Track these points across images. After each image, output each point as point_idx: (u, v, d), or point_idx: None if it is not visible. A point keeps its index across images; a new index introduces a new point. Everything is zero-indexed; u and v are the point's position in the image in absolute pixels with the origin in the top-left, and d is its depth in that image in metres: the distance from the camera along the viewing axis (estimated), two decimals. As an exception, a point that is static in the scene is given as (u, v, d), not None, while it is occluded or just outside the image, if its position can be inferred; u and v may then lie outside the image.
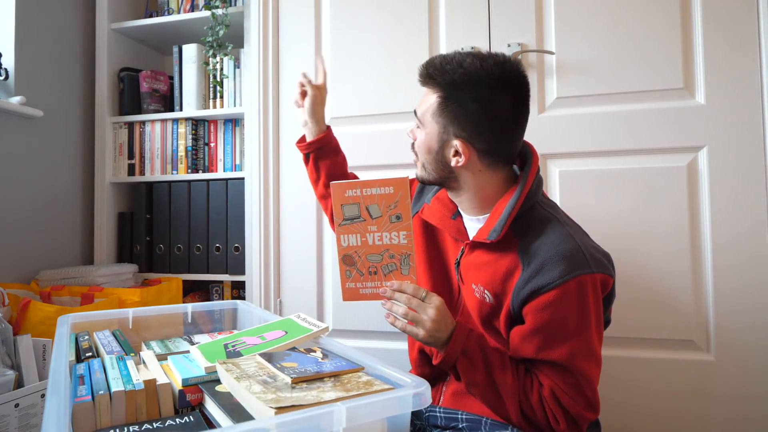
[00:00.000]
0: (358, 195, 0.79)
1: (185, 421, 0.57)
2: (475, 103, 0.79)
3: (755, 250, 1.19)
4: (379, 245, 0.80)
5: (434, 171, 0.87)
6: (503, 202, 0.82)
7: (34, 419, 1.03)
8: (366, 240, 0.80)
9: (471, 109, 0.80)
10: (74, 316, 0.93)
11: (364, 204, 0.79)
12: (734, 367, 1.19)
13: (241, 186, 1.64)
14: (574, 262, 0.74)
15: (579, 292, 0.74)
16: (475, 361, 0.78)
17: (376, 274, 0.82)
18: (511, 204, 0.80)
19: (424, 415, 0.89)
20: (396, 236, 0.79)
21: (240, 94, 1.69)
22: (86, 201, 1.79)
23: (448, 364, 0.79)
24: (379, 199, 0.79)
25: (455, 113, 0.81)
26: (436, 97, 0.82)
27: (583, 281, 0.74)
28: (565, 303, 0.74)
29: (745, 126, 1.21)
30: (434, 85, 0.82)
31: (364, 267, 0.82)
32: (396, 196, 0.78)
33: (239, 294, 1.73)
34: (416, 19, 1.45)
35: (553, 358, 0.75)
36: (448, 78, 0.80)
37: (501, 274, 0.80)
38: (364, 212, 0.79)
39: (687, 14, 1.26)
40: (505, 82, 0.81)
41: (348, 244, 0.81)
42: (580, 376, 0.75)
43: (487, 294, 0.82)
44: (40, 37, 1.62)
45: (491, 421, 0.82)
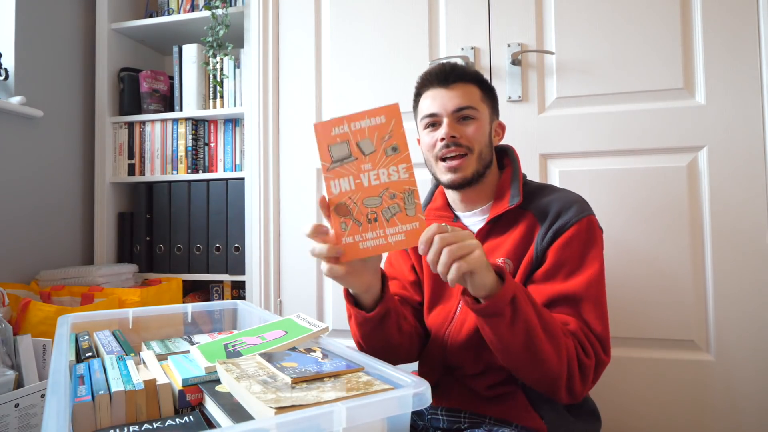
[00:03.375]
0: (346, 131, 0.69)
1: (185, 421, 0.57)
2: (494, 92, 0.97)
3: (755, 250, 1.19)
4: (376, 185, 0.70)
5: (487, 155, 0.92)
6: (504, 181, 0.93)
7: (34, 419, 1.03)
8: (360, 182, 0.70)
9: (496, 97, 0.97)
10: (74, 316, 0.93)
11: (354, 140, 0.69)
12: (734, 367, 1.19)
13: (241, 186, 1.64)
14: (584, 205, 0.87)
15: (590, 228, 0.84)
16: (526, 296, 0.72)
17: (376, 221, 0.71)
18: (516, 176, 0.91)
19: (427, 418, 0.89)
20: (395, 171, 0.70)
21: (240, 94, 1.69)
22: (86, 201, 1.79)
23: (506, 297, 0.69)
24: (371, 132, 0.69)
25: (491, 98, 0.95)
26: (476, 88, 0.91)
27: (592, 220, 0.85)
28: (582, 236, 0.83)
29: (745, 126, 1.21)
30: (467, 79, 0.91)
31: (361, 215, 0.71)
32: (389, 126, 0.69)
33: (239, 294, 1.73)
34: (416, 19, 1.45)
35: (575, 287, 0.80)
36: (477, 74, 0.94)
37: (520, 238, 0.86)
38: (354, 149, 0.70)
39: (687, 14, 1.26)
40: None
41: (340, 190, 0.70)
42: (598, 304, 0.80)
43: (507, 262, 0.86)
44: (40, 37, 1.62)
45: (494, 420, 0.82)
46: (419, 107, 0.94)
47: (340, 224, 0.71)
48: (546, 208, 0.87)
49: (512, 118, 1.36)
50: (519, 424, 0.81)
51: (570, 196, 0.88)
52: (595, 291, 0.81)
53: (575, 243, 0.82)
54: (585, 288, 0.80)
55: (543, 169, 1.33)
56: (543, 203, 0.87)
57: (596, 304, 0.80)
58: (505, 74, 1.37)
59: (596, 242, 0.84)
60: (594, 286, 0.81)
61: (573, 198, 0.88)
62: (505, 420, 0.82)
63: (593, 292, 0.81)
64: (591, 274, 0.81)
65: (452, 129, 0.88)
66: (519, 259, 0.86)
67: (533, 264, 0.85)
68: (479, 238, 0.89)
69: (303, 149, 1.55)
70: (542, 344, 0.72)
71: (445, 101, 0.89)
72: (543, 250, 0.84)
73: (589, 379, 0.77)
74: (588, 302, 0.80)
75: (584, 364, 0.76)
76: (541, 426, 0.81)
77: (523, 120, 1.35)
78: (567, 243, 0.82)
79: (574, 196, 0.89)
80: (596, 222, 0.86)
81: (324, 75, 1.55)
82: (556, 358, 0.72)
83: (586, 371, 0.76)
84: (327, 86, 1.55)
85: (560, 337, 0.74)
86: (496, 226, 0.89)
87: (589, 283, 0.81)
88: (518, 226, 0.87)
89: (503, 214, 0.88)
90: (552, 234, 0.83)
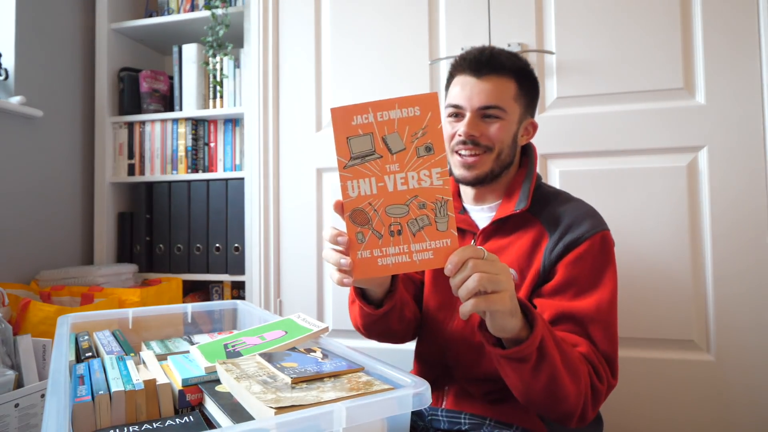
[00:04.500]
0: (371, 122, 0.57)
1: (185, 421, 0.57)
2: (536, 85, 0.90)
3: (755, 250, 1.19)
4: (403, 191, 0.58)
5: (508, 156, 0.87)
6: (517, 180, 0.89)
7: (34, 419, 1.03)
8: (384, 185, 0.58)
9: (535, 92, 0.90)
10: (74, 316, 0.93)
11: (380, 134, 0.58)
12: (734, 367, 1.19)
13: (241, 186, 1.64)
14: (598, 220, 0.83)
15: (603, 245, 0.81)
16: (551, 336, 0.68)
17: (400, 233, 0.59)
18: (529, 178, 0.87)
19: (427, 418, 0.89)
20: (427, 176, 0.58)
21: (240, 94, 1.69)
22: (86, 201, 1.79)
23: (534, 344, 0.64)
24: (401, 125, 0.58)
25: (529, 95, 0.89)
26: (513, 84, 0.85)
27: (606, 236, 0.82)
28: (594, 253, 0.79)
29: (745, 126, 1.21)
30: (505, 71, 0.85)
31: (382, 225, 0.59)
32: (424, 119, 0.57)
33: (239, 294, 1.73)
34: (416, 19, 1.45)
35: (586, 308, 0.77)
36: (519, 64, 0.87)
37: (527, 247, 0.83)
38: (379, 145, 0.58)
39: (687, 14, 1.26)
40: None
41: (358, 194, 0.58)
42: (608, 326, 0.77)
43: (513, 273, 0.83)
44: (40, 37, 1.62)
45: (494, 422, 0.82)
46: (449, 91, 0.90)
47: (356, 234, 0.60)
48: (557, 218, 0.83)
49: (512, 118, 1.36)
50: (520, 426, 0.81)
51: (583, 208, 0.85)
52: (606, 314, 0.78)
53: (587, 260, 0.79)
54: (596, 309, 0.77)
55: (543, 169, 1.33)
56: (554, 213, 0.84)
57: (606, 326, 0.77)
58: (505, 74, 1.37)
59: (610, 260, 0.81)
60: (605, 308, 0.77)
61: (586, 211, 0.84)
62: (506, 422, 0.82)
63: (604, 316, 0.77)
64: (603, 295, 0.78)
65: (472, 127, 0.83)
66: (524, 270, 0.83)
67: (540, 277, 0.81)
68: (483, 236, 0.88)
69: (303, 149, 1.55)
70: (564, 384, 0.68)
71: (472, 94, 0.83)
72: (552, 263, 0.80)
73: (599, 404, 0.75)
74: (598, 324, 0.76)
75: (597, 390, 0.73)
76: (542, 428, 0.81)
77: (523, 120, 1.35)
78: (578, 259, 0.79)
79: (588, 208, 0.85)
80: (610, 238, 0.82)
81: (324, 75, 1.55)
82: (575, 395, 0.69)
83: (598, 397, 0.73)
84: (327, 86, 1.55)
85: (580, 372, 0.70)
86: (502, 228, 0.87)
87: (600, 305, 0.77)
88: (525, 234, 0.84)
89: (509, 217, 0.85)
90: (562, 248, 0.80)
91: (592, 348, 0.75)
